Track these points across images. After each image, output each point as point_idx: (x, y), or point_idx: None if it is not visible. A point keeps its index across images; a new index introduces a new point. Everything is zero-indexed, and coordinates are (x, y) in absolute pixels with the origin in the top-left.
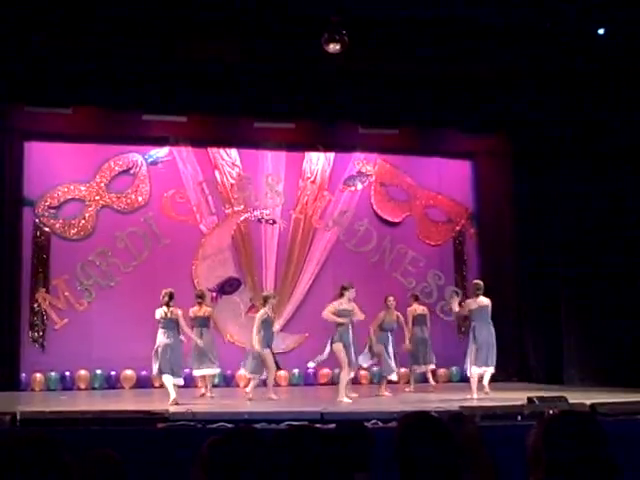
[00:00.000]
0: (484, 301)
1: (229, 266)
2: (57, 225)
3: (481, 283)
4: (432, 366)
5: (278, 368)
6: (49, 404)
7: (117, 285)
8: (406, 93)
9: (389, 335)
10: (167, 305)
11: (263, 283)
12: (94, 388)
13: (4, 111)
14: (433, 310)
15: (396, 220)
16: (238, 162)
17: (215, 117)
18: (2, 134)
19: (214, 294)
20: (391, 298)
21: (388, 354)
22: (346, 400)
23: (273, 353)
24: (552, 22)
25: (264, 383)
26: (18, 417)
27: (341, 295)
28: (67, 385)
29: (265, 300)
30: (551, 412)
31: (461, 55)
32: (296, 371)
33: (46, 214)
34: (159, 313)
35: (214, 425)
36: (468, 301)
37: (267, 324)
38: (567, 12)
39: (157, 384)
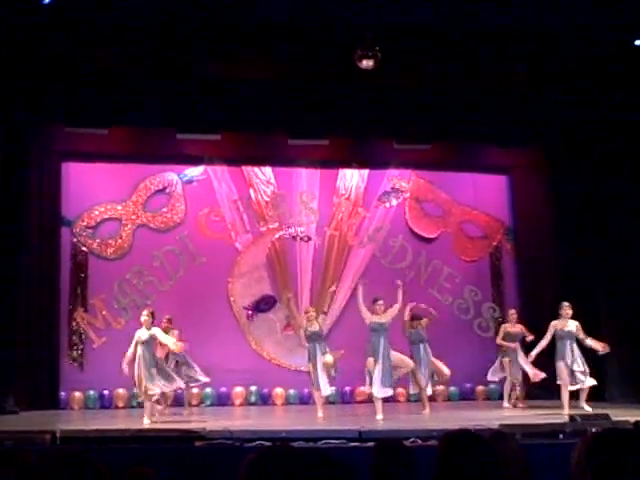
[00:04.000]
0: (571, 322)
1: (264, 284)
2: (94, 244)
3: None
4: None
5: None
6: (88, 422)
7: (153, 303)
8: (440, 108)
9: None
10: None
11: (299, 300)
12: (132, 406)
13: (43, 132)
14: (470, 326)
15: (431, 236)
16: (272, 180)
17: (249, 135)
18: (41, 155)
19: (250, 312)
20: (512, 311)
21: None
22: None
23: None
24: (584, 31)
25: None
26: (58, 435)
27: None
28: (105, 403)
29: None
30: (594, 430)
31: (495, 68)
32: (332, 389)
33: (84, 234)
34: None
35: (252, 443)
36: (555, 322)
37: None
38: (600, 22)
39: (195, 402)
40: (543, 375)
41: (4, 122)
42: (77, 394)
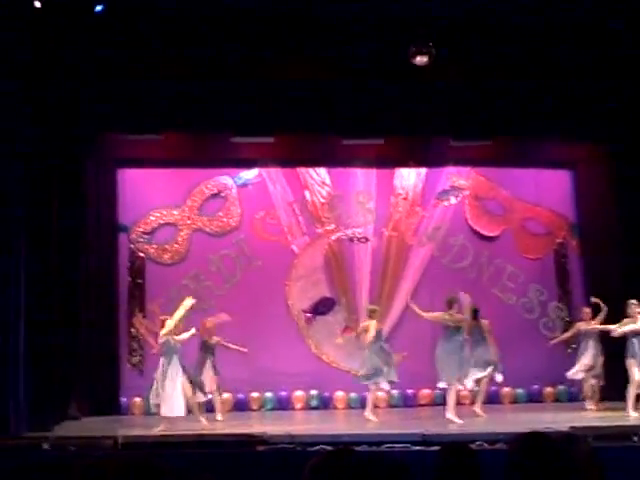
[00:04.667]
0: None
1: (322, 286)
2: (151, 250)
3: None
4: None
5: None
6: (149, 428)
7: (210, 308)
8: (499, 102)
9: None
10: None
11: (357, 303)
12: (191, 412)
13: (98, 140)
14: (536, 326)
15: (492, 234)
16: (328, 181)
17: (303, 136)
18: (97, 162)
19: (309, 315)
20: (587, 310)
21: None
22: (454, 419)
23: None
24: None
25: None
26: (120, 441)
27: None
28: None
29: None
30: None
31: (557, 60)
32: (395, 392)
33: (140, 240)
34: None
35: (314, 448)
36: (627, 320)
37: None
38: None
39: (255, 407)
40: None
41: (60, 131)
42: (137, 400)
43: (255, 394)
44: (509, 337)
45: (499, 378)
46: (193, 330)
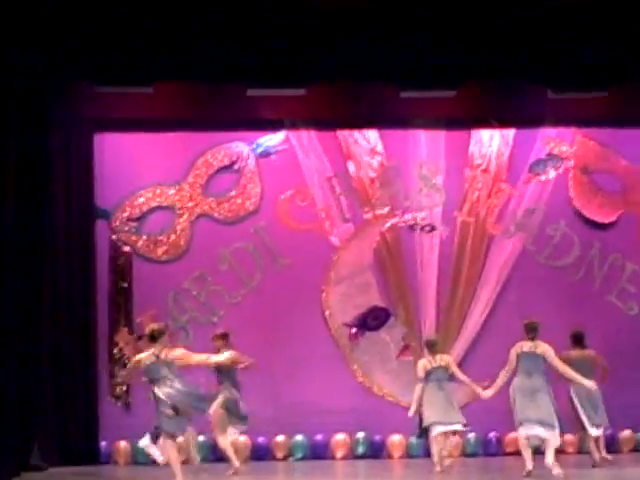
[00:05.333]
0: None
1: (372, 292)
2: (140, 243)
3: None
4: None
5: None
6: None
7: (221, 321)
8: (615, 40)
9: None
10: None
11: (420, 314)
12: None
13: (68, 94)
14: None
15: (607, 220)
16: (380, 148)
17: (345, 87)
18: (66, 125)
19: (353, 330)
20: None
21: None
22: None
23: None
24: None
25: None
26: None
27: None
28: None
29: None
30: None
31: None
32: (472, 436)
33: (125, 228)
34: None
35: None
36: None
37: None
38: None
39: (281, 454)
40: None
41: (16, 81)
42: (122, 444)
43: (280, 437)
44: (628, 362)
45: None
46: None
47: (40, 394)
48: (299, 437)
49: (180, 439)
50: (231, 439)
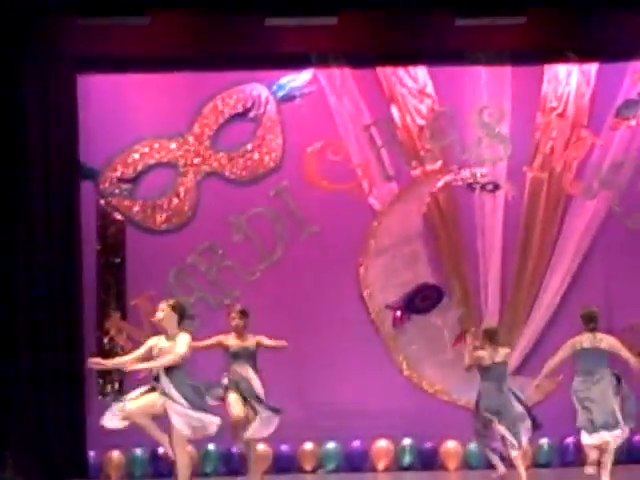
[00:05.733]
0: None
1: (421, 266)
2: (135, 209)
3: None
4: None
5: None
6: None
7: (236, 303)
8: None
9: None
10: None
11: (481, 293)
12: (206, 474)
13: (47, 28)
14: None
15: None
16: (430, 89)
17: (386, 13)
18: (43, 65)
19: (398, 313)
20: None
21: None
22: None
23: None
24: None
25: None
26: None
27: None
28: (161, 469)
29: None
30: None
31: None
32: (544, 442)
33: (116, 191)
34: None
35: None
36: None
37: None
38: None
39: (309, 466)
40: None
41: None
42: (115, 455)
43: (309, 445)
44: None
45: None
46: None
47: (13, 394)
48: (331, 445)
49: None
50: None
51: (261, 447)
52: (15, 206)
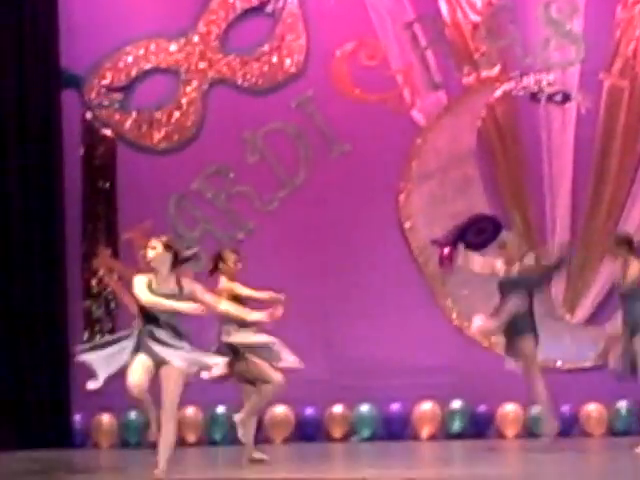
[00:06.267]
0: None
1: (475, 193)
2: (128, 123)
3: None
4: None
5: None
6: (130, 475)
7: (250, 238)
8: None
9: None
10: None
11: (546, 226)
12: (214, 442)
13: None
14: None
15: None
16: None
17: None
18: None
19: (446, 250)
20: None
21: None
22: None
23: None
24: None
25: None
26: None
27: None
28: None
29: None
30: None
31: None
32: (623, 404)
33: (106, 102)
34: None
35: None
36: None
37: None
38: None
39: (338, 433)
40: None
41: None
42: (105, 418)
43: (338, 408)
44: None
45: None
46: None
47: None
48: (365, 408)
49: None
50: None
51: (282, 410)
52: None
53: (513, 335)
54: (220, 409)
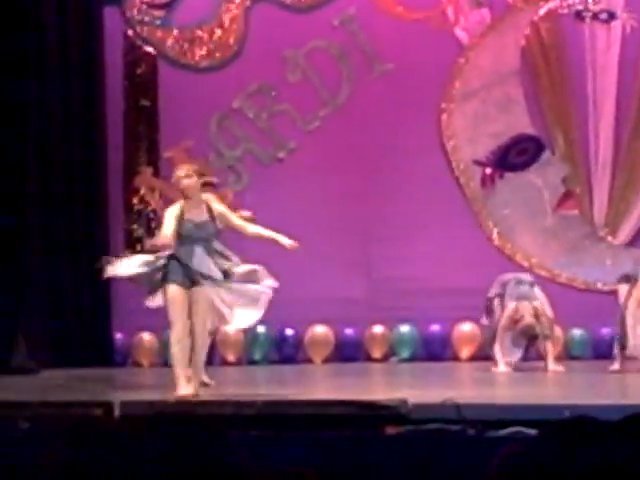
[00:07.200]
0: None
1: (517, 113)
2: (169, 41)
3: None
4: None
5: None
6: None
7: (291, 157)
8: None
9: None
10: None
11: (590, 146)
12: (253, 361)
13: None
14: None
15: None
16: None
17: None
18: None
19: (488, 170)
20: None
21: None
22: None
23: None
24: None
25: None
26: (117, 410)
27: None
28: None
29: None
30: None
31: None
32: None
33: (147, 19)
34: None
35: (502, 431)
36: None
37: None
38: None
39: (378, 354)
40: None
41: None
42: (146, 337)
43: (378, 329)
44: None
45: None
46: None
47: (26, 264)
48: (404, 328)
49: None
50: None
51: (321, 330)
52: (23, 38)
53: None
54: (260, 329)
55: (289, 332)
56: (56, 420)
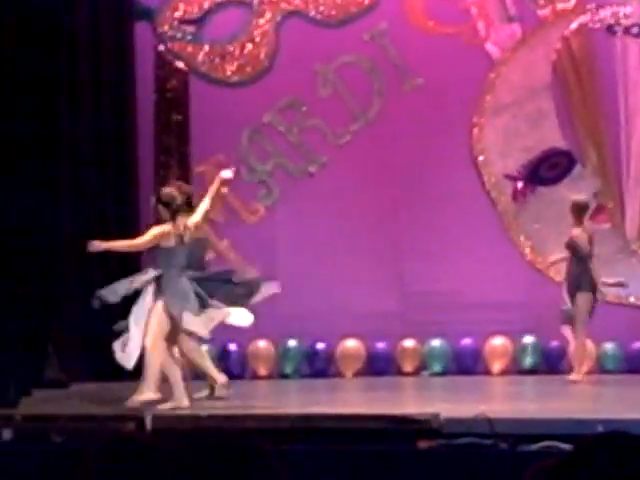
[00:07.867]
0: None
1: (549, 127)
2: (200, 56)
3: None
4: None
5: None
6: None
7: (322, 171)
8: None
9: None
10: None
11: (622, 160)
12: (285, 375)
13: None
14: None
15: None
16: None
17: None
18: None
19: (519, 184)
20: None
21: None
22: None
23: None
24: None
25: None
26: (148, 423)
27: None
28: (232, 366)
29: None
30: None
31: None
32: None
33: (178, 35)
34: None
35: (533, 445)
36: None
37: None
38: None
39: (410, 367)
40: None
41: None
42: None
43: (409, 342)
44: None
45: None
46: None
47: (60, 274)
48: (436, 342)
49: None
50: None
51: (353, 344)
52: (56, 53)
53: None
54: (292, 342)
55: (320, 346)
56: (90, 435)
